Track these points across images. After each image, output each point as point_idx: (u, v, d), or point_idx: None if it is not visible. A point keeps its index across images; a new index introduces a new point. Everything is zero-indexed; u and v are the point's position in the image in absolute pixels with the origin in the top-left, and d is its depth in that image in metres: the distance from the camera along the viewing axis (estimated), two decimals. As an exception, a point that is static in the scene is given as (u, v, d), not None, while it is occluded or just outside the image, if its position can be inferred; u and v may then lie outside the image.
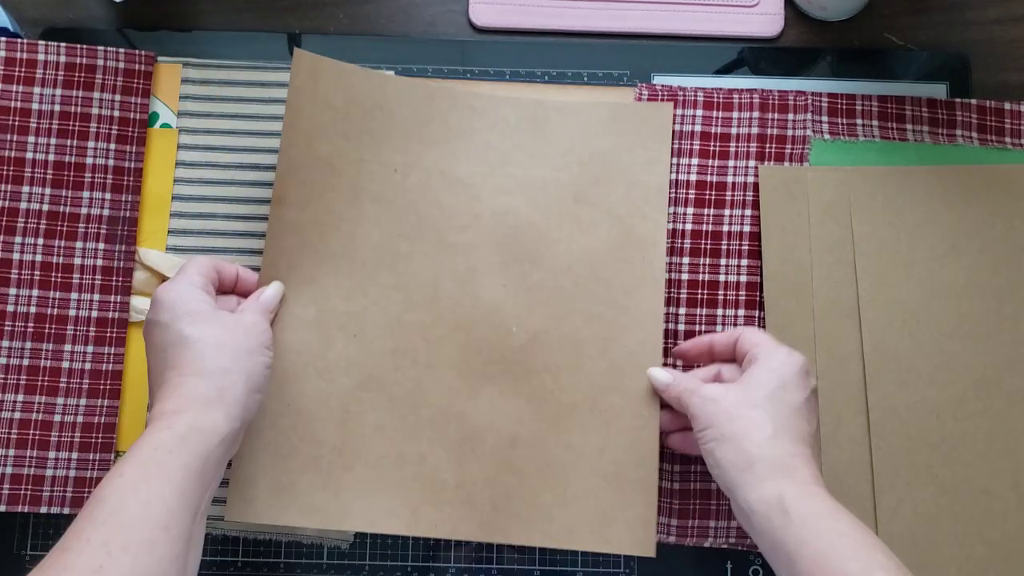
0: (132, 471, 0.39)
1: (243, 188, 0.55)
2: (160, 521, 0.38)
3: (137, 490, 0.38)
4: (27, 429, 0.52)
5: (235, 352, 0.45)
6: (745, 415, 0.44)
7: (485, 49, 0.58)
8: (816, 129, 0.56)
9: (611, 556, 0.53)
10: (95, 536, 0.36)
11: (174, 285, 0.46)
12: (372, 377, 0.51)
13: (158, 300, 0.46)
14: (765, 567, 0.53)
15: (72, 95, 0.54)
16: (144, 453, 0.40)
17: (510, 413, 0.51)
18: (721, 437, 0.44)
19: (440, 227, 0.53)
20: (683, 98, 0.56)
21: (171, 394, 0.43)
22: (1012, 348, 0.52)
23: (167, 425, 0.41)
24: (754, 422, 0.44)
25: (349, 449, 0.50)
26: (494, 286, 0.53)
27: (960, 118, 0.56)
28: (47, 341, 0.52)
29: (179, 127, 0.56)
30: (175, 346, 0.44)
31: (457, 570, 0.53)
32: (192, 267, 0.48)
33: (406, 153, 0.54)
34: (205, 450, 0.41)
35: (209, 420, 0.42)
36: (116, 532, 0.36)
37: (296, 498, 0.50)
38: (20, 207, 0.53)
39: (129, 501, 0.38)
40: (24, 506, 0.51)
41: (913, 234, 0.54)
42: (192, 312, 0.45)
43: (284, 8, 0.59)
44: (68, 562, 0.35)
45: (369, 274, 0.52)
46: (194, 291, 0.46)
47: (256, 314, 0.48)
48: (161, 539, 0.37)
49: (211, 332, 0.45)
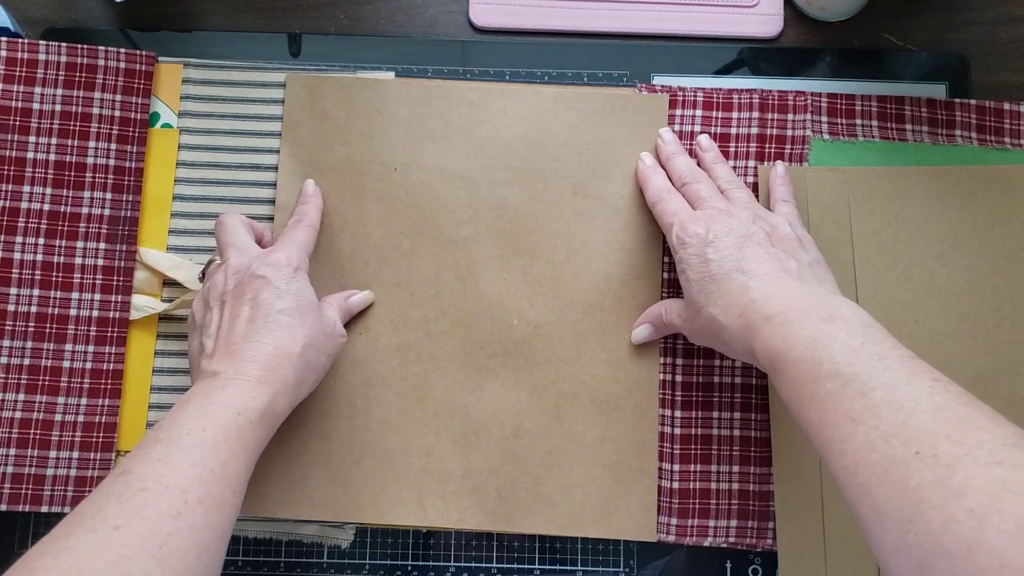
0: (215, 428, 0.40)
1: (244, 188, 0.55)
2: (232, 483, 0.40)
3: (219, 449, 0.40)
4: (28, 428, 0.52)
5: (318, 352, 0.47)
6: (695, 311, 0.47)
7: (485, 49, 0.58)
8: (815, 129, 0.56)
9: (611, 556, 0.53)
10: (174, 484, 0.37)
11: (303, 273, 0.48)
12: (378, 373, 0.53)
13: (291, 266, 0.47)
14: (765, 566, 0.53)
15: (73, 95, 0.54)
16: (228, 415, 0.41)
17: (513, 404, 0.52)
18: (696, 333, 0.48)
19: (440, 223, 0.54)
20: (683, 98, 0.56)
21: (264, 363, 0.44)
22: (1011, 348, 0.53)
23: (251, 394, 0.42)
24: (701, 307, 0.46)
25: (357, 444, 0.52)
26: (494, 280, 0.53)
27: (959, 118, 0.56)
28: (48, 341, 0.53)
29: (180, 127, 0.56)
30: (281, 316, 0.45)
31: (457, 569, 0.53)
32: (305, 251, 0.49)
33: (405, 152, 0.55)
34: (271, 431, 0.44)
35: (283, 405, 0.44)
36: (194, 484, 0.38)
37: (307, 493, 0.51)
38: (21, 207, 0.53)
39: (210, 458, 0.39)
40: (25, 505, 0.51)
41: (912, 234, 0.54)
42: (309, 300, 0.47)
43: (284, 8, 0.59)
44: (148, 502, 0.36)
45: (373, 273, 0.53)
46: (307, 279, 0.48)
47: (340, 318, 0.50)
48: (230, 500, 0.39)
49: (314, 324, 0.46)
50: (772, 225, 0.48)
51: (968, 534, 0.30)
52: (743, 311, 0.43)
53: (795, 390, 0.39)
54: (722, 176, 0.52)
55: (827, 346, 0.39)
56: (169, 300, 0.54)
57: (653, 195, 0.52)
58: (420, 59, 0.58)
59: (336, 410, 0.52)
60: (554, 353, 0.53)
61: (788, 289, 0.43)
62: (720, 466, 0.53)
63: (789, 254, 0.46)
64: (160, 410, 0.53)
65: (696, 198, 0.50)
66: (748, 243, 0.46)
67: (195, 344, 0.47)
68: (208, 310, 0.47)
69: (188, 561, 0.36)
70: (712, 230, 0.46)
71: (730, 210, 0.48)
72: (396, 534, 0.53)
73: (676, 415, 0.53)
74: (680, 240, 0.48)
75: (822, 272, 0.46)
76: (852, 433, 0.36)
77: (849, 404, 0.36)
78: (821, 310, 0.41)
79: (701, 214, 0.48)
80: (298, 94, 0.55)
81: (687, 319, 0.48)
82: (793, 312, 0.41)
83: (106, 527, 0.35)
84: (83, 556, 0.34)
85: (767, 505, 0.52)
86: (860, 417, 0.36)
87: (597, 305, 0.53)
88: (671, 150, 0.53)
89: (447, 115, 0.55)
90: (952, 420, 0.34)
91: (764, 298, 0.43)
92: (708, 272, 0.46)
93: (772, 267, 0.44)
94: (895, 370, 0.37)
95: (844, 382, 0.37)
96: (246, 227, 0.50)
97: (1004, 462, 0.31)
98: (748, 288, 0.44)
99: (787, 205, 0.51)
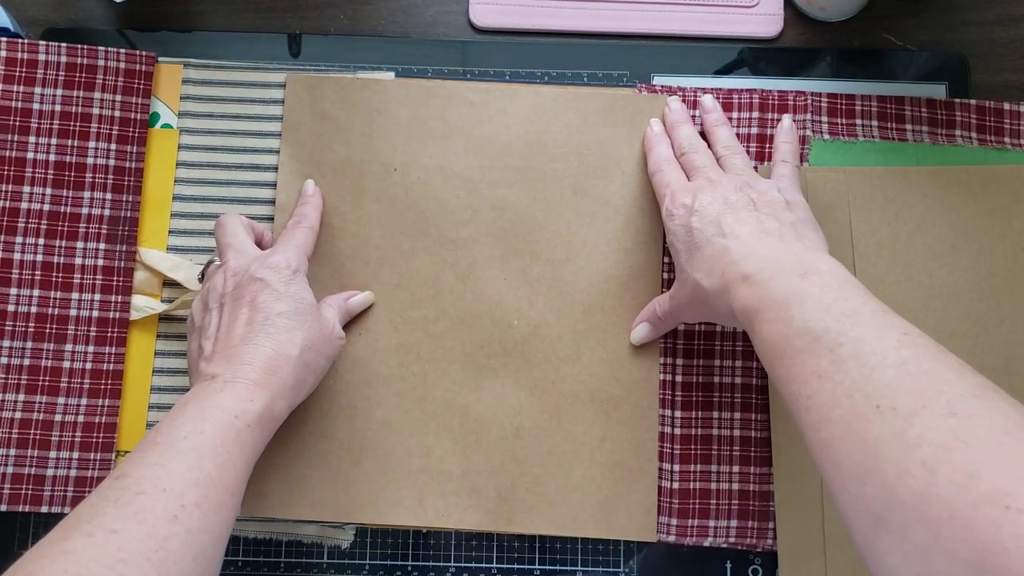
0: (213, 431, 0.40)
1: (243, 188, 0.55)
2: (229, 486, 0.40)
3: (216, 452, 0.40)
4: (28, 429, 0.52)
5: (316, 355, 0.47)
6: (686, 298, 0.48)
7: (485, 49, 0.58)
8: (815, 129, 0.56)
9: (611, 556, 0.53)
10: (171, 487, 0.37)
11: (302, 275, 0.48)
12: (378, 373, 0.53)
13: (290, 269, 0.47)
14: (765, 566, 0.53)
15: (73, 95, 0.54)
16: (226, 418, 0.41)
17: (513, 404, 0.52)
18: (685, 307, 0.49)
19: (440, 223, 0.54)
20: (683, 98, 0.56)
21: (262, 366, 0.44)
22: (1010, 348, 0.53)
23: (249, 397, 0.42)
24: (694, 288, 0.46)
25: (357, 444, 0.52)
26: (494, 280, 0.53)
27: (959, 118, 0.56)
28: (48, 341, 0.53)
29: (180, 127, 0.56)
30: (279, 318, 0.45)
31: (457, 569, 0.53)
32: (304, 253, 0.49)
33: (405, 152, 0.55)
34: (269, 434, 0.44)
35: (281, 408, 0.44)
36: (191, 488, 0.38)
37: (307, 493, 0.51)
38: (21, 207, 0.53)
39: (207, 461, 0.39)
40: (25, 506, 0.51)
41: (912, 234, 0.54)
42: (308, 303, 0.47)
43: (284, 8, 0.59)
44: (145, 506, 0.36)
45: (373, 273, 0.53)
46: (306, 281, 0.48)
47: (339, 320, 0.50)
48: (228, 503, 0.39)
49: (312, 327, 0.46)
50: (759, 191, 0.47)
51: (920, 486, 0.30)
52: (723, 272, 0.44)
53: (768, 347, 0.40)
54: (721, 140, 0.52)
55: (800, 303, 0.39)
56: (169, 300, 0.54)
57: (653, 165, 0.52)
58: (420, 59, 0.58)
59: (336, 410, 0.52)
60: (554, 353, 0.53)
61: (766, 248, 0.43)
62: (720, 466, 0.53)
63: (772, 215, 0.45)
64: (160, 410, 0.53)
65: (691, 168, 0.50)
66: (730, 208, 0.46)
67: (194, 346, 0.47)
68: (207, 312, 0.47)
69: (185, 564, 0.36)
70: (698, 199, 0.47)
71: (720, 180, 0.48)
72: (396, 534, 0.53)
73: (676, 415, 0.53)
74: (668, 212, 0.48)
75: (806, 230, 0.45)
76: (818, 389, 0.36)
77: (817, 360, 0.37)
78: (797, 267, 0.41)
79: (691, 185, 0.49)
80: (298, 94, 0.55)
81: (676, 295, 0.49)
82: (769, 271, 0.42)
83: (103, 531, 0.35)
84: (80, 560, 0.34)
85: (767, 505, 0.52)
86: (826, 373, 0.36)
87: (597, 305, 0.53)
88: (676, 118, 0.54)
89: (447, 115, 0.55)
90: (915, 374, 0.34)
91: (743, 258, 0.43)
92: (692, 240, 0.46)
93: (752, 228, 0.45)
94: (865, 325, 0.37)
95: (813, 339, 0.37)
96: (245, 228, 0.50)
97: (959, 413, 0.31)
98: (728, 250, 0.44)
99: (786, 166, 0.50)
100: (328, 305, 0.50)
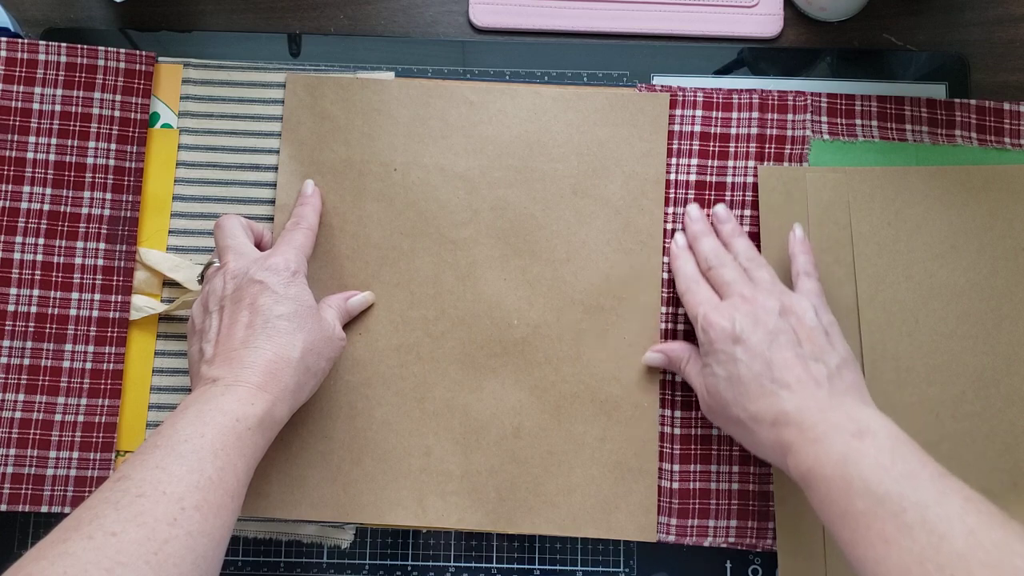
0: (214, 435, 0.40)
1: (243, 188, 0.55)
2: (230, 489, 0.40)
3: (216, 455, 0.40)
4: (28, 429, 0.52)
5: (317, 357, 0.47)
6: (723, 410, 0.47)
7: (485, 50, 0.58)
8: (815, 129, 0.56)
9: (611, 556, 0.53)
10: (171, 490, 0.37)
11: (302, 277, 0.48)
12: (378, 374, 0.53)
13: (290, 271, 0.47)
14: (764, 566, 0.53)
15: (73, 95, 0.54)
16: (227, 422, 0.41)
17: (513, 404, 0.52)
18: (715, 415, 0.49)
19: (440, 223, 0.54)
20: (683, 98, 0.56)
21: (263, 369, 0.44)
22: (1011, 348, 0.53)
23: (250, 400, 0.42)
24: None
25: (357, 444, 0.52)
26: (494, 280, 0.53)
27: (959, 118, 0.56)
28: (48, 341, 0.53)
29: (180, 127, 0.56)
30: (280, 321, 0.45)
31: (457, 569, 0.53)
32: (303, 254, 0.49)
33: (405, 152, 0.55)
34: (270, 437, 0.44)
35: (282, 411, 0.44)
36: (191, 491, 0.38)
37: (307, 493, 0.51)
38: (21, 207, 0.53)
39: (207, 465, 0.39)
40: (25, 505, 0.51)
41: (912, 234, 0.54)
42: (308, 305, 0.47)
43: (284, 8, 0.59)
44: (145, 508, 0.36)
45: (373, 273, 0.53)
46: (306, 283, 0.48)
47: (339, 321, 0.50)
48: (228, 506, 0.39)
49: (313, 329, 0.47)
50: (797, 316, 0.46)
51: None
52: (775, 421, 0.43)
53: (827, 507, 0.40)
54: (742, 252, 0.51)
55: (856, 463, 0.39)
56: (169, 300, 0.54)
57: (682, 285, 0.51)
58: (420, 59, 0.58)
59: (336, 410, 0.52)
60: (554, 353, 0.53)
61: (817, 401, 0.43)
62: (720, 466, 0.53)
63: (818, 357, 0.45)
64: (160, 410, 0.53)
65: (721, 283, 0.49)
66: (776, 344, 0.45)
67: (195, 349, 0.47)
68: (207, 315, 0.47)
69: (184, 567, 0.36)
70: (738, 323, 0.46)
71: (755, 297, 0.47)
72: (396, 534, 0.53)
73: (676, 415, 0.53)
74: (706, 333, 0.47)
75: (851, 376, 0.45)
76: (885, 555, 0.36)
77: (882, 525, 0.37)
78: (850, 425, 0.41)
79: (726, 305, 0.48)
80: (298, 94, 0.55)
81: (707, 400, 0.48)
82: (823, 426, 0.42)
83: (103, 533, 0.35)
84: (79, 562, 0.34)
85: (767, 505, 0.52)
86: (893, 538, 0.36)
87: (597, 305, 0.53)
88: (698, 229, 0.53)
89: (447, 115, 0.55)
90: (986, 545, 0.34)
91: (795, 410, 0.43)
92: (737, 373, 0.45)
93: (800, 374, 0.44)
94: (926, 489, 0.38)
95: (876, 501, 0.38)
96: (245, 229, 0.50)
97: None
98: (780, 399, 0.44)
99: (810, 280, 0.49)
100: (328, 306, 0.50)
